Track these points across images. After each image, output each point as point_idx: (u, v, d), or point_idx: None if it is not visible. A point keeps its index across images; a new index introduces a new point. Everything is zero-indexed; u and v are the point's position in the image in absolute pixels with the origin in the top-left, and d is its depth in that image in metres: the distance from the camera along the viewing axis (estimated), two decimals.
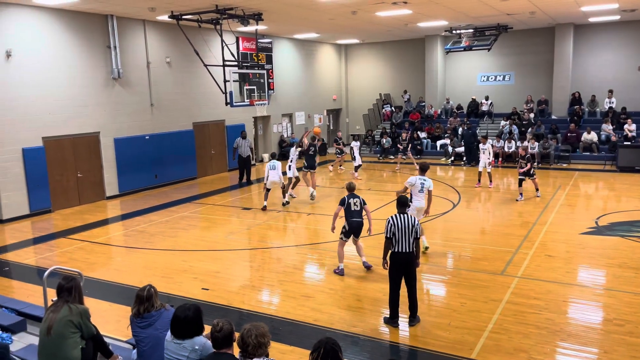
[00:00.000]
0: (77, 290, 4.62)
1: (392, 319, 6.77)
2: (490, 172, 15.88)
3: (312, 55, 25.80)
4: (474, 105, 24.26)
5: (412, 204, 9.31)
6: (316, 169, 15.10)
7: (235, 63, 16.21)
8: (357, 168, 18.25)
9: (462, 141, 21.09)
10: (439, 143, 22.89)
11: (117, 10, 14.88)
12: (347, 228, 8.63)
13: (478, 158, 16.48)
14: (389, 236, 6.67)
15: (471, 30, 20.57)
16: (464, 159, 20.67)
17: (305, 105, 25.34)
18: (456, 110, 24.60)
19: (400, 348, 6.34)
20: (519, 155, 14.53)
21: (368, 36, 24.66)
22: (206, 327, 4.48)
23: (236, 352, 3.93)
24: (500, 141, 20.28)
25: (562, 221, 11.75)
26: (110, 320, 7.04)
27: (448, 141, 22.25)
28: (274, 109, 22.95)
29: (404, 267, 6.68)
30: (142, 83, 16.83)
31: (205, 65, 15.39)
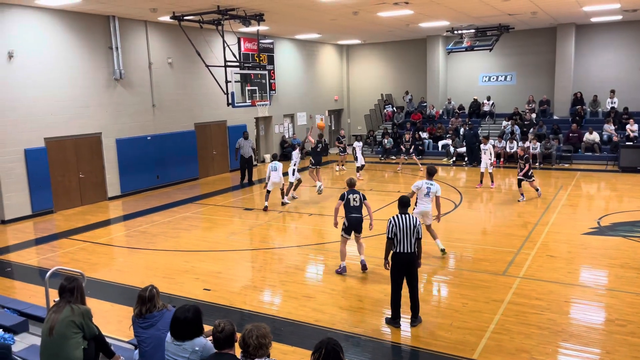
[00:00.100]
0: (79, 290, 4.64)
1: (394, 320, 6.77)
2: (491, 173, 15.88)
3: (314, 56, 25.81)
4: (476, 106, 24.25)
5: (417, 207, 9.29)
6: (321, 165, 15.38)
7: (237, 64, 16.21)
8: (360, 169, 18.26)
9: (464, 141, 21.09)
10: (440, 143, 22.88)
11: (119, 11, 14.91)
12: (347, 224, 8.62)
13: (480, 158, 16.47)
14: (391, 236, 6.68)
15: (473, 31, 20.56)
16: (466, 159, 20.66)
17: (306, 106, 25.34)
18: (458, 111, 24.58)
19: (401, 349, 6.34)
20: (518, 156, 14.51)
21: (369, 36, 24.66)
22: (207, 327, 4.49)
23: (238, 353, 3.94)
24: (502, 141, 20.26)
25: (564, 221, 11.74)
26: (112, 321, 7.05)
27: (450, 141, 22.26)
28: (275, 110, 22.95)
29: (405, 268, 6.69)
30: (144, 84, 16.85)
31: (207, 66, 15.40)
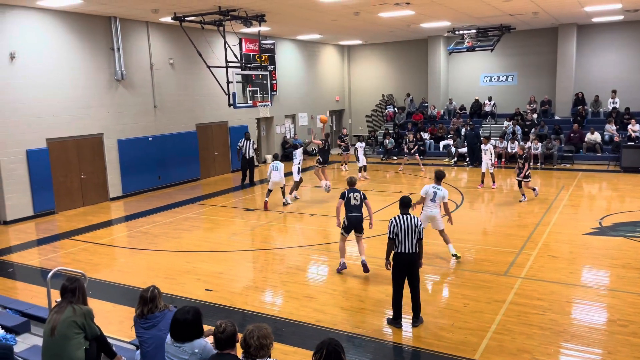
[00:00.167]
0: (81, 291, 4.65)
1: (395, 320, 6.77)
2: (492, 173, 15.87)
3: (315, 56, 25.82)
4: (477, 106, 24.25)
5: (423, 212, 9.26)
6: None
7: (238, 64, 16.22)
8: (362, 169, 18.26)
9: (465, 142, 21.08)
10: (442, 144, 22.87)
11: (120, 12, 14.93)
12: (347, 223, 8.61)
13: (481, 159, 16.46)
14: (392, 237, 6.68)
15: (474, 31, 20.55)
16: (467, 159, 20.65)
17: (308, 106, 25.34)
18: (459, 111, 24.57)
19: (403, 349, 6.34)
20: (517, 155, 14.47)
21: (371, 37, 24.66)
22: (208, 327, 4.50)
23: (239, 353, 3.94)
24: (504, 142, 20.25)
25: (566, 222, 11.73)
26: (114, 321, 7.05)
27: (451, 142, 22.25)
28: (277, 110, 22.95)
29: (406, 268, 6.69)
30: (146, 84, 16.87)
31: (208, 67, 15.41)
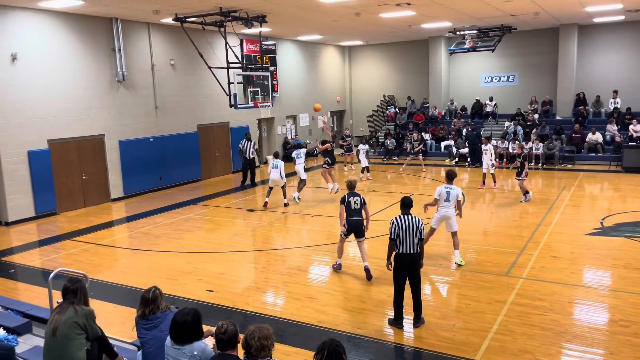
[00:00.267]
0: (83, 292, 4.65)
1: (397, 321, 6.77)
2: (493, 174, 15.85)
3: (316, 57, 25.83)
4: (478, 106, 24.24)
5: (438, 212, 9.24)
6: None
7: (239, 65, 16.23)
8: (365, 170, 18.25)
9: (466, 142, 21.07)
10: (443, 144, 22.86)
11: (122, 13, 14.95)
12: (347, 227, 8.62)
13: (482, 159, 16.44)
14: (393, 237, 6.68)
15: (475, 31, 20.54)
16: (468, 160, 20.65)
17: (309, 107, 25.29)
18: (460, 112, 24.56)
19: (404, 350, 6.34)
20: (516, 154, 14.42)
21: (372, 38, 24.67)
22: (207, 328, 4.50)
23: (240, 354, 3.95)
24: (505, 142, 20.24)
25: (567, 222, 11.72)
26: (115, 322, 7.06)
27: (452, 142, 22.24)
28: (278, 111, 22.96)
29: (408, 268, 6.68)
30: (147, 85, 16.89)
31: (210, 68, 15.42)
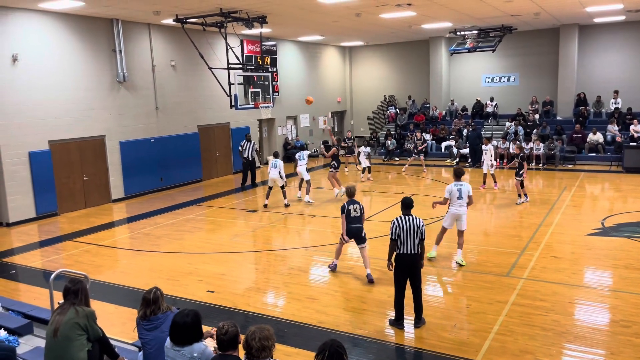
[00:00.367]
0: (84, 292, 4.65)
1: (398, 321, 6.77)
2: (493, 174, 15.84)
3: (317, 58, 25.83)
4: (479, 107, 24.23)
5: (450, 210, 9.21)
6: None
7: (240, 66, 16.23)
8: (364, 170, 18.26)
9: (467, 143, 21.07)
10: (443, 145, 22.86)
11: (122, 14, 14.96)
12: (347, 236, 8.61)
13: (482, 159, 16.43)
14: (394, 238, 6.68)
15: (475, 32, 20.52)
16: (469, 160, 20.64)
17: (309, 108, 25.30)
18: (461, 112, 24.56)
19: (405, 350, 6.34)
20: (515, 154, 14.40)
21: (372, 38, 24.66)
22: (208, 328, 4.50)
23: (241, 354, 3.95)
24: (506, 142, 20.23)
25: (568, 222, 11.72)
26: (116, 323, 7.07)
27: (453, 143, 22.24)
28: (278, 112, 22.97)
29: (408, 269, 6.69)
30: (148, 86, 16.91)
31: (210, 68, 15.43)
